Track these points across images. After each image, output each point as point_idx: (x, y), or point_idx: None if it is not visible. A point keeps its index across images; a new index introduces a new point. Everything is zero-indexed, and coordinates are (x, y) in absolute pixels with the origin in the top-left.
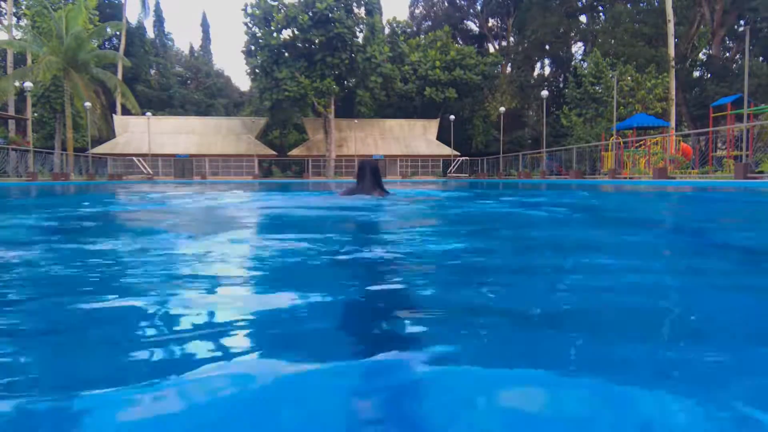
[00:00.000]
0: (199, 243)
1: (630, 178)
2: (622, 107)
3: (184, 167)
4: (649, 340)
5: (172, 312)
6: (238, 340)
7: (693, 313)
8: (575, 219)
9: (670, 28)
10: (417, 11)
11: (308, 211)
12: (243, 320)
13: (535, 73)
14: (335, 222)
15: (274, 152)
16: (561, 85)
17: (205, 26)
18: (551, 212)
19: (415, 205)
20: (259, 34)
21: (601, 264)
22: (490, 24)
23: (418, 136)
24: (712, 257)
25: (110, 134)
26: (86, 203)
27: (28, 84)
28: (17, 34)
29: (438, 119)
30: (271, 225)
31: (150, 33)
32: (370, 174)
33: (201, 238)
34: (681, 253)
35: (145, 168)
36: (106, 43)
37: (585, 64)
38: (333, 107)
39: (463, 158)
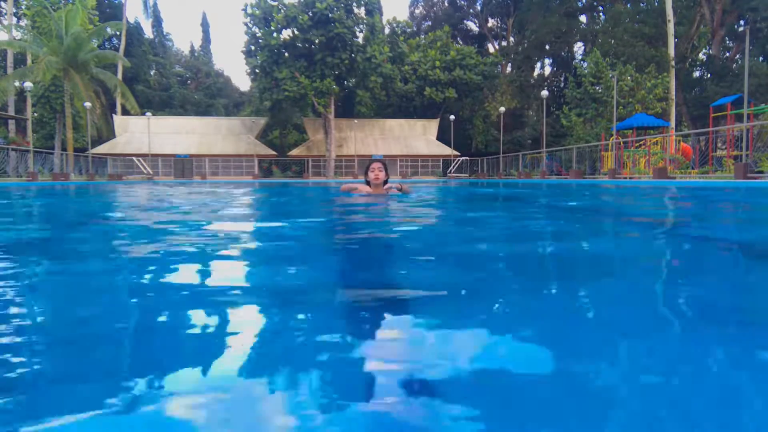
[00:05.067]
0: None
1: (630, 178)
2: (621, 107)
3: (184, 167)
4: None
5: None
6: None
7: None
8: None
9: (670, 28)
10: (417, 11)
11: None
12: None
13: (535, 73)
14: None
15: (274, 152)
16: (561, 85)
17: (205, 26)
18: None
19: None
20: (259, 34)
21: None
22: (490, 24)
23: (418, 136)
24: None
25: (110, 134)
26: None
27: (28, 84)
28: (17, 34)
29: (438, 119)
30: None
31: (149, 33)
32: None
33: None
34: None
35: (145, 168)
36: (106, 43)
37: (585, 64)
38: (333, 107)
39: (463, 158)
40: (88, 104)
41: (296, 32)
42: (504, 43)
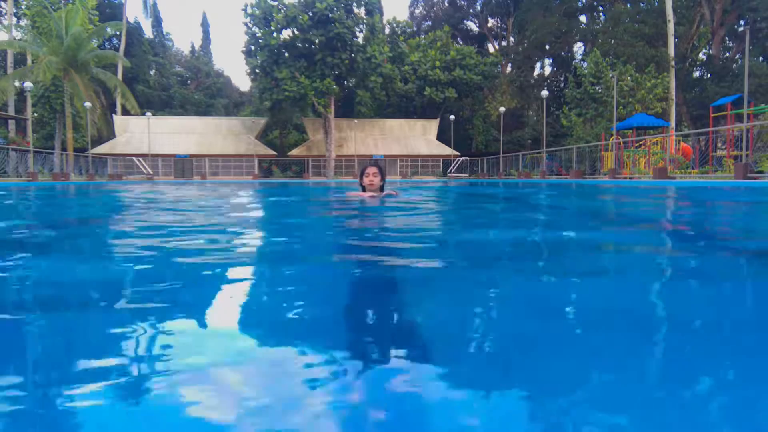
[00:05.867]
0: None
1: (630, 178)
2: (621, 107)
3: (184, 167)
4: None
5: None
6: None
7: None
8: None
9: (670, 28)
10: (417, 11)
11: None
12: None
13: (535, 73)
14: None
15: (274, 152)
16: (561, 85)
17: (205, 26)
18: None
19: None
20: (259, 34)
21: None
22: (490, 24)
23: (418, 136)
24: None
25: (110, 134)
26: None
27: (28, 84)
28: (17, 34)
29: (438, 119)
30: None
31: (149, 33)
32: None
33: None
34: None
35: (145, 168)
36: (106, 43)
37: (585, 64)
38: (333, 107)
39: (463, 158)
40: (88, 104)
41: (296, 32)
42: (504, 43)
